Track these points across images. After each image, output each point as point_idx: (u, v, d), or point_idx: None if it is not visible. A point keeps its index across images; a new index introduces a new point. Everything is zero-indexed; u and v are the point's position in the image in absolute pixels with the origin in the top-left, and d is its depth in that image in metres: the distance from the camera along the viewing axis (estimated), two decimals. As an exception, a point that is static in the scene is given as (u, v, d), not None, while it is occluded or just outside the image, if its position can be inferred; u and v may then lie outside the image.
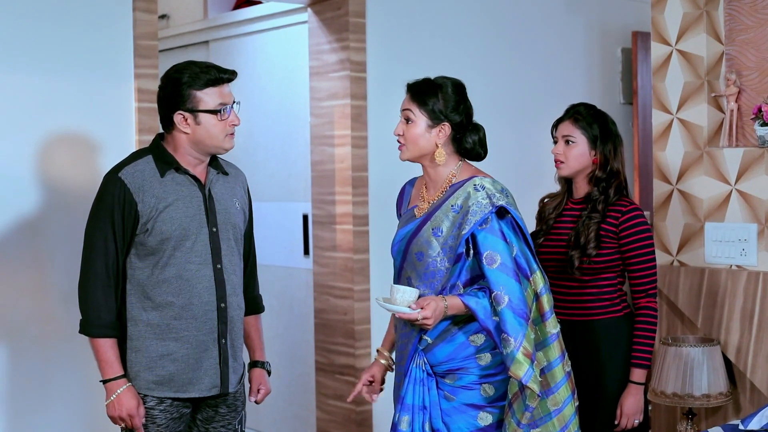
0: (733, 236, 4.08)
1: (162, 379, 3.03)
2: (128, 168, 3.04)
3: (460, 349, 3.02)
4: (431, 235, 3.01)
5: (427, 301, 2.91)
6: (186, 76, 3.01)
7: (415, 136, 3.05)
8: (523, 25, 5.25)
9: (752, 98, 4.11)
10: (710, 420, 4.13)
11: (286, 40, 5.23)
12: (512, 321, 2.90)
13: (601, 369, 3.49)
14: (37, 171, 3.72)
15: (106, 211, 3.00)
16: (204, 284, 3.04)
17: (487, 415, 3.03)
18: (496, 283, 2.92)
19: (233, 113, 3.06)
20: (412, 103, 3.06)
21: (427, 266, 3.01)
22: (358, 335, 4.66)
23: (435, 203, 3.07)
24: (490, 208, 2.96)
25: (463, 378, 3.02)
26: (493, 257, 2.94)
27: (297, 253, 5.18)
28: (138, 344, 3.04)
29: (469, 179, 3.05)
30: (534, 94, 5.24)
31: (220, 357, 3.09)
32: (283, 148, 5.29)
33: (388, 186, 4.59)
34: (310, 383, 5.04)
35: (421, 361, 3.05)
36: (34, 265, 3.73)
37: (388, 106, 4.69)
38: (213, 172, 3.13)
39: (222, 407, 3.18)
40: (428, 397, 3.03)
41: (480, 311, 2.93)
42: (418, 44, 4.82)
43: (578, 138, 3.53)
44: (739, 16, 4.15)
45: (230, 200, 3.16)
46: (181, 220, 3.01)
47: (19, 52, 3.67)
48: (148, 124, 3.93)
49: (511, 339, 2.89)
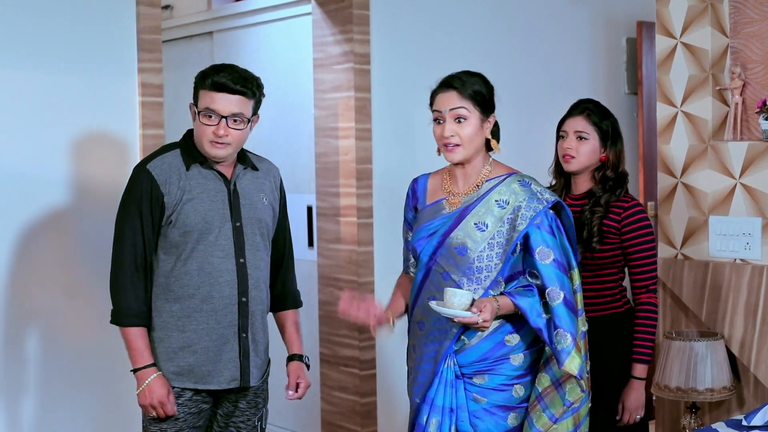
0: (738, 230, 4.08)
1: (182, 369, 3.08)
2: (156, 160, 3.09)
3: (495, 348, 3.01)
4: (474, 229, 2.98)
5: (484, 303, 2.88)
6: (203, 74, 3.09)
7: (470, 135, 3.00)
8: (528, 15, 5.23)
9: (757, 91, 4.09)
10: (714, 414, 4.13)
11: (290, 31, 5.22)
12: (566, 317, 2.92)
13: (603, 364, 3.49)
14: (41, 166, 3.72)
15: (134, 204, 3.06)
16: (226, 278, 3.08)
17: (516, 416, 3.04)
18: (551, 279, 2.93)
19: (220, 125, 3.02)
20: (464, 100, 2.99)
21: (471, 261, 2.98)
22: (363, 327, 4.66)
23: (471, 197, 3.04)
24: (544, 204, 2.97)
25: (494, 378, 3.01)
26: (546, 253, 2.95)
27: (301, 245, 5.18)
28: (160, 335, 3.10)
29: (509, 175, 3.05)
30: (538, 85, 5.23)
31: (240, 350, 3.13)
32: (287, 141, 5.28)
33: (393, 178, 4.60)
34: (315, 375, 5.05)
35: (451, 362, 3.02)
36: (37, 261, 3.73)
37: (392, 98, 4.70)
38: (240, 168, 3.16)
39: (242, 402, 3.20)
40: (456, 399, 3.01)
41: (531, 311, 2.93)
42: (422, 36, 4.81)
43: (591, 134, 3.52)
44: (744, 8, 4.13)
45: (257, 195, 3.18)
46: (204, 213, 3.05)
47: (23, 47, 3.67)
48: (152, 118, 3.93)
49: (568, 334, 2.91)
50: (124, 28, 3.90)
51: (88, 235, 3.81)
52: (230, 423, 3.21)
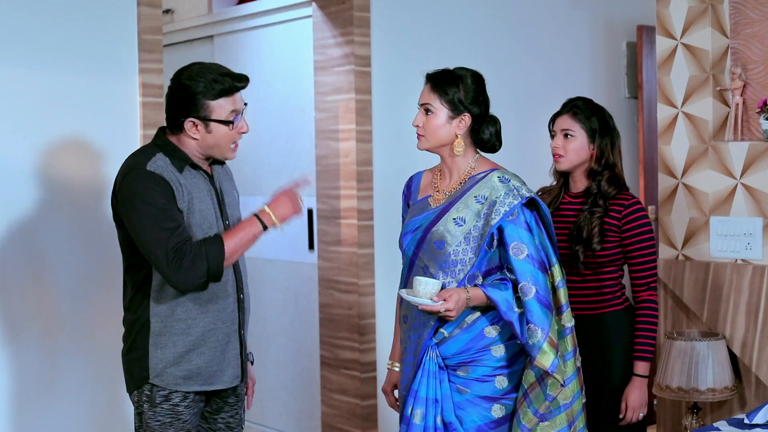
0: (739, 230, 4.07)
1: (189, 373, 3.02)
2: (150, 164, 2.93)
3: (475, 340, 3.03)
4: (453, 224, 3.01)
5: (450, 293, 2.92)
6: (201, 85, 2.93)
7: (434, 128, 3.06)
8: (528, 19, 5.24)
9: (757, 92, 4.09)
10: (715, 414, 4.12)
11: (291, 34, 5.22)
12: (539, 312, 2.94)
13: (603, 363, 3.49)
14: (42, 166, 3.72)
15: (151, 205, 2.88)
16: (227, 277, 3.06)
17: (501, 407, 3.04)
18: (523, 274, 2.95)
19: (243, 120, 3.03)
20: (432, 95, 3.06)
21: (447, 255, 3.01)
22: (363, 330, 4.66)
23: (454, 193, 3.08)
24: (519, 199, 2.99)
25: (476, 370, 3.03)
26: (520, 248, 2.97)
27: (302, 248, 5.18)
28: (165, 340, 3.00)
29: (491, 171, 3.07)
30: (539, 89, 5.24)
31: (240, 347, 3.13)
32: (287, 143, 5.29)
33: (393, 180, 4.59)
34: (315, 378, 5.04)
35: (434, 354, 3.04)
36: (38, 262, 3.73)
37: (393, 101, 4.71)
38: (217, 167, 3.15)
39: (231, 397, 3.19)
40: (440, 390, 3.03)
41: (502, 303, 2.95)
42: (423, 38, 4.81)
43: (577, 132, 3.52)
44: (744, 9, 4.13)
45: (231, 193, 3.19)
46: (204, 215, 3.02)
47: (24, 47, 3.68)
48: (153, 118, 3.93)
49: (539, 329, 2.92)
50: (125, 29, 3.91)
51: (90, 235, 3.81)
52: (218, 419, 3.19)
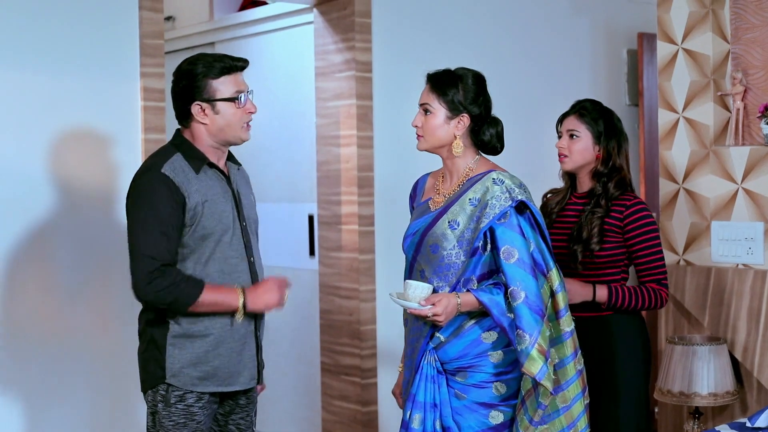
0: (740, 235, 4.07)
1: (206, 374, 3.02)
2: (167, 165, 2.97)
3: (472, 345, 3.00)
4: (447, 228, 3.00)
5: (439, 298, 2.90)
6: (200, 66, 3.00)
7: (433, 128, 3.06)
8: (529, 26, 5.25)
9: (758, 97, 4.10)
10: (717, 419, 4.11)
11: (292, 40, 5.23)
12: (528, 317, 2.89)
13: (604, 364, 3.47)
14: (44, 169, 3.72)
15: (155, 207, 2.91)
16: (243, 278, 3.07)
17: (499, 414, 3.01)
18: (513, 279, 2.91)
19: (249, 101, 3.06)
20: (432, 95, 3.06)
21: (441, 259, 3.00)
22: (364, 336, 4.65)
23: (452, 196, 3.06)
24: (510, 202, 2.96)
25: (474, 376, 3.00)
26: (510, 252, 2.93)
27: (303, 254, 5.18)
28: (182, 341, 3.00)
29: (487, 173, 3.04)
30: (539, 96, 5.24)
31: (256, 349, 3.13)
32: (288, 149, 5.29)
33: (394, 186, 4.59)
34: (316, 384, 5.03)
35: (432, 358, 3.03)
36: (41, 263, 3.73)
37: (394, 106, 4.71)
38: (233, 167, 3.16)
39: (242, 399, 3.19)
40: (438, 395, 3.01)
41: (494, 308, 2.92)
42: (424, 44, 4.82)
43: (582, 133, 3.53)
44: (745, 14, 4.15)
45: (248, 195, 3.20)
46: (220, 216, 3.02)
47: (26, 51, 3.68)
48: (154, 122, 3.93)
49: (527, 335, 2.88)
50: (126, 33, 3.91)
51: (90, 238, 3.80)
52: (230, 421, 3.19)
